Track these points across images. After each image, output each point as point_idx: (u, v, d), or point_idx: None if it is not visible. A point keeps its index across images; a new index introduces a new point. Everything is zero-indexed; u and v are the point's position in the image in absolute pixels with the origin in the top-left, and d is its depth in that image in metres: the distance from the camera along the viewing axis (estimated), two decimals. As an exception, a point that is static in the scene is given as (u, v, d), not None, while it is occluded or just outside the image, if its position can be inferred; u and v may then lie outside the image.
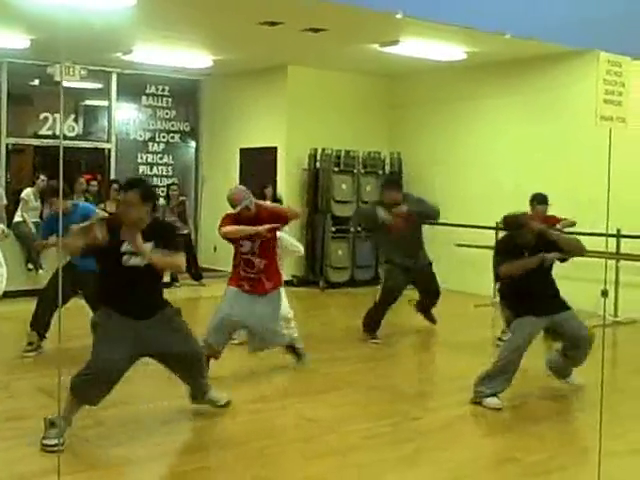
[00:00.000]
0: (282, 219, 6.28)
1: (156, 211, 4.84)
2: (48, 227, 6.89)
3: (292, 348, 6.60)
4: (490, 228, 10.44)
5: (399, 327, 8.31)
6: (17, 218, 10.18)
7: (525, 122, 10.73)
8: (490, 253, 10.64)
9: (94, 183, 10.99)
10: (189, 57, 10.92)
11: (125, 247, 4.54)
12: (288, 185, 11.65)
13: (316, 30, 8.98)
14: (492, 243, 10.38)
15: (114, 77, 12.16)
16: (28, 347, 6.84)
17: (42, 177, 10.23)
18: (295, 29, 8.92)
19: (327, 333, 8.15)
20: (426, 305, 8.27)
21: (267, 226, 5.98)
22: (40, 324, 6.88)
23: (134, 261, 4.54)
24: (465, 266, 10.84)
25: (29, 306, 9.29)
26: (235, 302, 6.07)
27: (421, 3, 3.66)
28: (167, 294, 5.00)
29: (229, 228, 6.07)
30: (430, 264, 8.06)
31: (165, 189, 12.04)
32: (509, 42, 7.67)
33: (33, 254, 10.07)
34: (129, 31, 9.42)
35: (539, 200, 7.51)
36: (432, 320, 8.33)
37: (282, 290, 6.45)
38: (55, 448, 4.33)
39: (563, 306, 5.84)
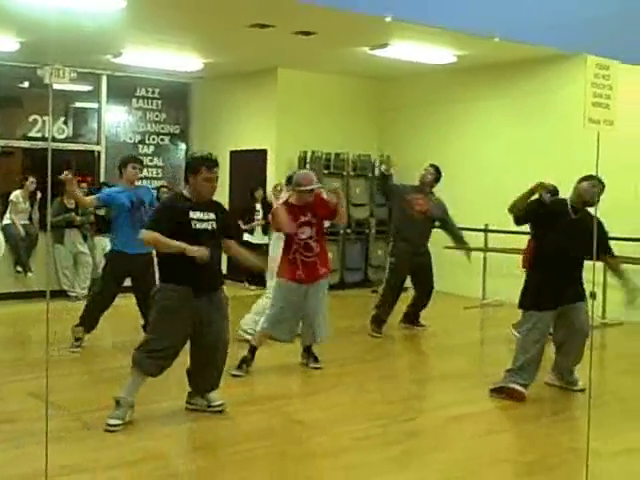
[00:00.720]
0: (331, 216, 6.62)
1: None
2: (111, 197, 7.13)
3: (310, 348, 6.70)
4: (480, 230, 10.48)
5: (390, 329, 8.32)
6: (5, 221, 10.13)
7: (514, 125, 10.78)
8: (479, 255, 10.72)
9: (84, 185, 10.95)
10: (179, 60, 10.91)
11: (193, 214, 4.96)
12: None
13: (306, 33, 9.00)
14: (481, 245, 10.47)
15: (104, 79, 12.13)
16: (76, 343, 7.01)
17: (31, 179, 10.19)
18: (285, 32, 8.94)
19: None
20: (419, 307, 8.34)
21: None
22: (91, 321, 7.07)
23: (202, 225, 4.98)
24: (455, 268, 10.86)
25: (18, 308, 9.30)
26: (290, 293, 6.35)
27: (410, 6, 3.66)
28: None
29: (281, 210, 6.36)
30: (431, 257, 8.30)
31: (155, 191, 12.01)
32: (498, 45, 7.71)
33: (22, 257, 10.03)
34: (119, 33, 9.41)
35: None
36: (421, 325, 8.42)
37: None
38: (115, 428, 4.75)
39: (578, 296, 5.89)
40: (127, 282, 7.07)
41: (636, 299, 5.90)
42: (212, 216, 5.06)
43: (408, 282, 8.41)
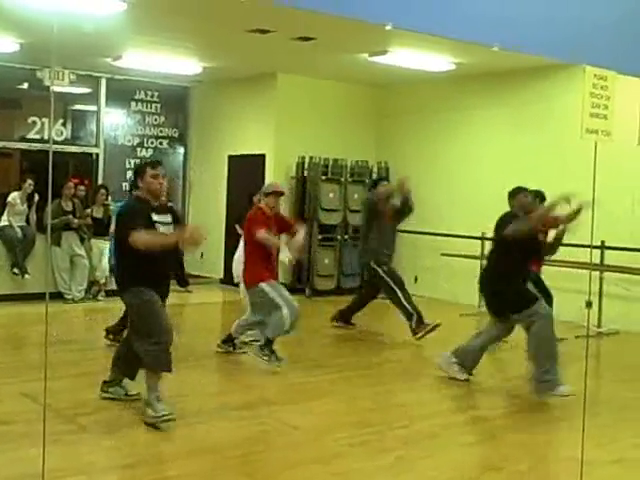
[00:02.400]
0: (290, 227, 7.12)
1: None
2: None
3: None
4: (476, 238, 10.50)
5: (386, 336, 8.33)
6: (3, 222, 10.13)
7: (512, 133, 10.81)
8: (475, 263, 10.73)
9: (82, 187, 10.96)
10: (179, 64, 10.93)
11: (155, 217, 5.12)
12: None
13: (306, 39, 9.02)
14: (477, 253, 10.49)
15: (103, 82, 12.15)
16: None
17: (29, 181, 10.19)
18: (285, 37, 8.96)
19: (313, 340, 8.16)
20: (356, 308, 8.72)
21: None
22: None
23: (164, 228, 5.14)
24: (451, 275, 10.89)
25: (14, 310, 9.30)
26: (281, 290, 6.81)
27: (411, 15, 3.69)
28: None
29: (265, 236, 6.75)
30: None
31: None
32: (497, 54, 7.71)
33: (19, 259, 10.03)
34: (119, 37, 9.43)
35: (542, 198, 7.51)
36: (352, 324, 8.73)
37: None
38: (171, 417, 4.95)
39: None
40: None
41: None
42: (169, 219, 5.23)
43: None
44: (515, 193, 6.38)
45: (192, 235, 4.92)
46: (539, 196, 7.41)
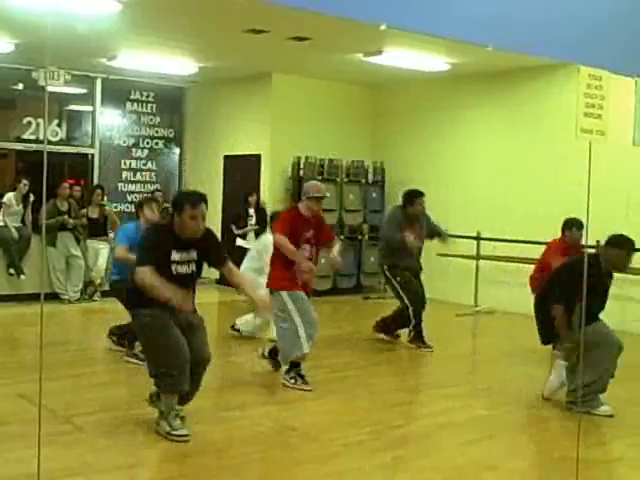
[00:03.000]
0: (327, 239, 6.52)
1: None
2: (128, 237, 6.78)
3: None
4: (471, 238, 10.52)
5: (381, 336, 8.33)
6: (-2, 223, 10.13)
7: (506, 133, 10.83)
8: (471, 262, 10.74)
9: (77, 188, 10.95)
10: (174, 64, 10.92)
11: (175, 255, 4.78)
12: (272, 193, 11.68)
13: (301, 39, 9.03)
14: (473, 252, 10.51)
15: (98, 82, 12.14)
16: None
17: (24, 181, 10.17)
18: (280, 37, 8.97)
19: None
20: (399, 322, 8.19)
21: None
22: None
23: (182, 269, 4.81)
24: (447, 275, 10.91)
25: (10, 311, 9.28)
26: (302, 300, 6.24)
27: (405, 14, 3.68)
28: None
29: (283, 243, 6.18)
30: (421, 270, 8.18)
31: (149, 194, 12.02)
32: (491, 54, 7.75)
33: (15, 259, 10.02)
34: (114, 37, 9.42)
35: (578, 226, 7.34)
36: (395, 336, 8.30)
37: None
38: (187, 438, 4.75)
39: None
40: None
41: None
42: (193, 255, 4.86)
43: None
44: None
45: (178, 302, 4.63)
46: (575, 225, 7.33)
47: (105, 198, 10.77)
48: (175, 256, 4.77)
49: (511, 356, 7.67)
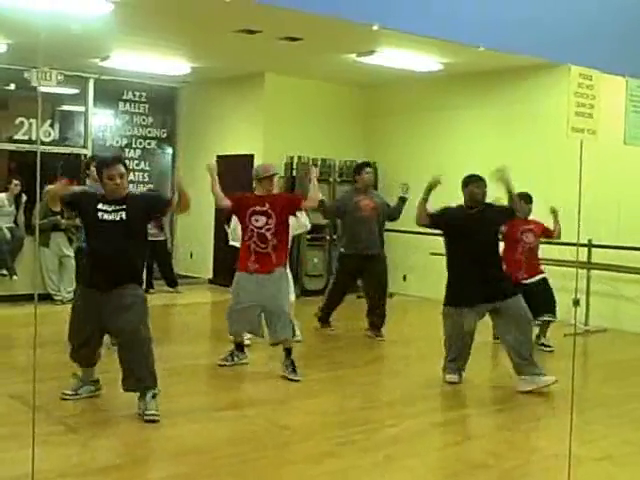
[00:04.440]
0: (294, 205, 6.59)
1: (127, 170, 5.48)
2: None
3: (289, 354, 6.48)
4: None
5: (376, 335, 8.34)
6: (-9, 224, 10.10)
7: (498, 132, 10.86)
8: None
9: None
10: (167, 64, 10.92)
11: (101, 205, 5.19)
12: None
13: (293, 39, 9.04)
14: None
15: (91, 83, 12.13)
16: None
17: (15, 182, 10.15)
18: (272, 38, 8.97)
19: (302, 339, 8.16)
20: (375, 315, 8.37)
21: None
22: None
23: (109, 216, 5.17)
24: (440, 274, 10.89)
25: (3, 312, 9.26)
26: (242, 288, 6.41)
27: (397, 15, 3.69)
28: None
29: (216, 192, 7.06)
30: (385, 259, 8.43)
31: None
32: (484, 54, 7.76)
33: (7, 260, 9.99)
34: (107, 37, 9.42)
35: (525, 199, 7.53)
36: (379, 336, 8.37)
37: (288, 273, 6.82)
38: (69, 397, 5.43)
39: (507, 293, 6.17)
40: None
41: None
42: (122, 207, 5.18)
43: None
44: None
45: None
46: (523, 198, 7.47)
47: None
48: (102, 206, 5.17)
49: (502, 355, 7.69)
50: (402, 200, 8.31)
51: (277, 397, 6.03)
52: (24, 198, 10.29)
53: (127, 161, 12.41)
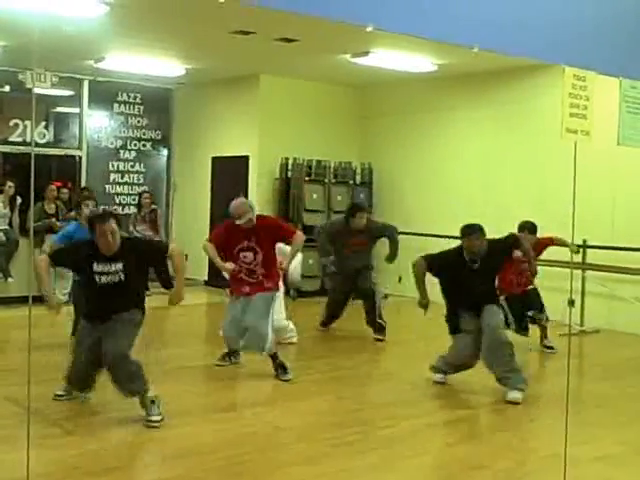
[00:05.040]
0: (280, 237, 6.61)
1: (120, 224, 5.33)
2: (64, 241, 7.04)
3: (274, 358, 6.51)
4: (459, 238, 10.52)
5: (368, 336, 8.35)
6: (-15, 226, 10.08)
7: (493, 133, 10.88)
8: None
9: (65, 190, 10.92)
10: (161, 65, 10.91)
11: (96, 266, 5.16)
12: (259, 194, 11.67)
13: (288, 40, 9.04)
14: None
15: (86, 84, 12.10)
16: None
17: (10, 184, 10.13)
18: (267, 39, 8.97)
19: (298, 341, 8.16)
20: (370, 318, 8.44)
21: (229, 266, 6.37)
22: None
23: (107, 279, 5.17)
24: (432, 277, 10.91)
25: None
26: (232, 310, 6.54)
27: (391, 16, 3.70)
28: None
29: (210, 248, 6.47)
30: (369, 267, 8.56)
31: (137, 197, 12.00)
32: (478, 55, 7.76)
33: (2, 262, 9.97)
34: (101, 39, 9.40)
35: (530, 229, 7.52)
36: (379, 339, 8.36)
37: (280, 296, 7.01)
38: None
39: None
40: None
41: None
42: (119, 265, 5.16)
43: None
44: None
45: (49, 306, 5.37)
46: (528, 228, 7.46)
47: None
48: (97, 267, 5.15)
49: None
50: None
51: (272, 398, 6.03)
52: (19, 200, 10.27)
53: (122, 163, 12.62)
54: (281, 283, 7.02)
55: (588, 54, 4.26)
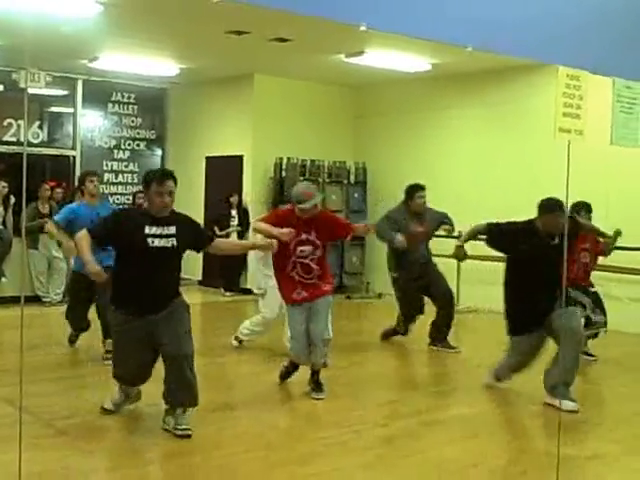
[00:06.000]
0: (340, 234, 6.25)
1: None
2: (68, 216, 6.85)
3: (317, 374, 6.14)
4: (453, 237, 10.54)
5: (365, 335, 8.35)
6: (-21, 225, 10.04)
7: (487, 132, 10.90)
8: (453, 262, 10.77)
9: (59, 190, 10.90)
10: (156, 65, 10.90)
11: (149, 229, 4.81)
12: (254, 193, 11.69)
13: (282, 40, 9.04)
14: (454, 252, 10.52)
15: (80, 84, 12.09)
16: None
17: (3, 184, 10.10)
18: (262, 39, 8.98)
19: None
20: (441, 323, 7.99)
21: (286, 231, 5.61)
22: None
23: (160, 242, 4.82)
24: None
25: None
26: (295, 318, 5.92)
27: (385, 15, 3.70)
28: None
29: (264, 224, 5.81)
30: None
31: (131, 197, 11.98)
32: (472, 55, 7.79)
33: (-5, 262, 9.95)
34: (95, 38, 9.39)
35: (587, 209, 7.34)
36: (450, 347, 7.95)
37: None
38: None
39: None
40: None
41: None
42: (172, 231, 4.86)
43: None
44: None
45: (92, 274, 4.84)
46: (584, 207, 7.36)
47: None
48: (149, 230, 4.78)
49: (493, 355, 7.71)
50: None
51: (266, 398, 6.02)
52: (13, 200, 10.24)
53: (116, 162, 12.60)
54: None
55: (582, 54, 4.27)
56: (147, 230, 4.78)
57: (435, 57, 9.80)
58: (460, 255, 6.40)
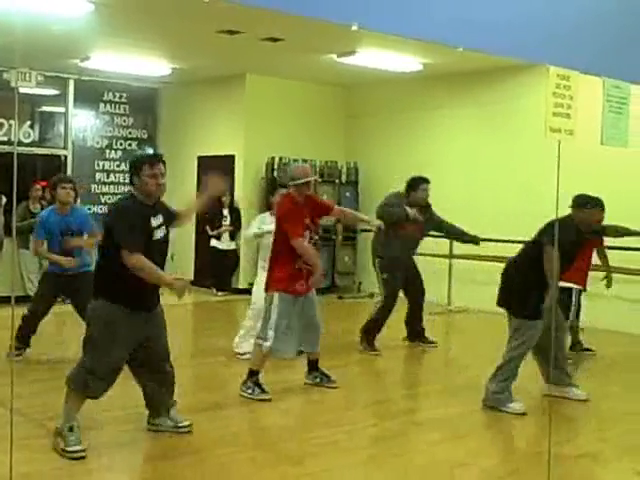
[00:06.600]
0: (323, 213, 6.08)
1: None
2: (43, 227, 6.76)
3: (317, 363, 6.26)
4: (444, 237, 10.57)
5: (357, 335, 8.35)
6: (-31, 225, 10.00)
7: (478, 132, 10.93)
8: (445, 262, 10.78)
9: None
10: (147, 65, 10.89)
11: (153, 221, 4.61)
12: (246, 193, 11.68)
13: (274, 40, 9.04)
14: (447, 252, 10.56)
15: (71, 83, 12.05)
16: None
17: (-5, 184, 10.08)
18: (253, 38, 8.97)
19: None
20: (415, 317, 8.09)
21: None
22: (26, 334, 7.04)
23: (159, 234, 4.64)
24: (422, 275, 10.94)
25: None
26: (293, 306, 5.82)
27: (376, 15, 3.70)
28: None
29: (303, 245, 5.66)
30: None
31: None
32: (463, 55, 7.81)
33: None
34: (87, 38, 9.37)
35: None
36: (429, 342, 8.06)
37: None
38: (81, 454, 4.42)
39: None
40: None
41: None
42: (162, 219, 4.71)
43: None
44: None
45: (180, 289, 4.55)
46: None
47: (78, 200, 10.67)
48: (154, 221, 4.61)
49: (483, 354, 7.73)
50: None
51: (258, 397, 6.02)
52: (3, 200, 10.19)
53: (107, 162, 12.56)
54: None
55: (572, 54, 4.28)
56: (152, 221, 4.61)
57: (426, 57, 9.81)
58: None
